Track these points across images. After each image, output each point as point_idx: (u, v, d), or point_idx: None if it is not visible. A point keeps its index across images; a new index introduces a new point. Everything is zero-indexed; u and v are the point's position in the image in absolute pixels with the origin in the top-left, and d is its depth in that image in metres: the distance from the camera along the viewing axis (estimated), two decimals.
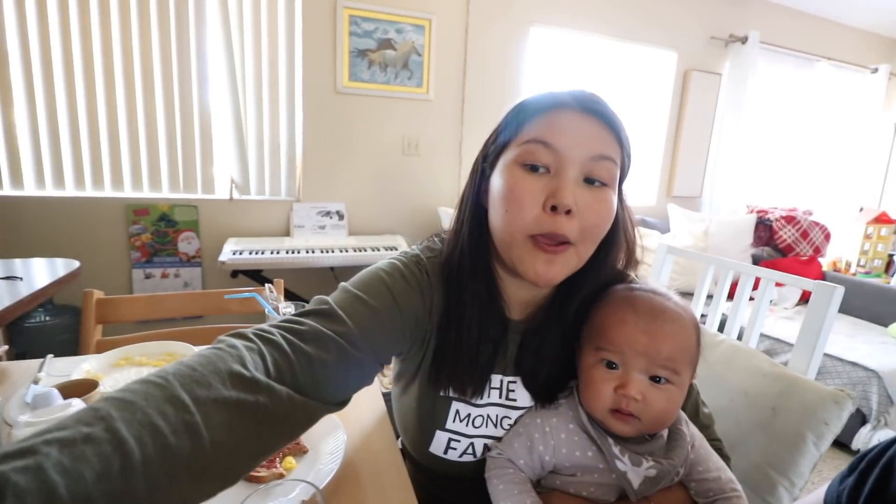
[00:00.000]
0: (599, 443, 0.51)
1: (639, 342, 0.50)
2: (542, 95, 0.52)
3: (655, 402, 0.50)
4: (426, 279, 0.56)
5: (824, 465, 1.79)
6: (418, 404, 0.60)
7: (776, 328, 2.20)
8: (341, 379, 0.47)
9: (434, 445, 0.60)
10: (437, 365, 0.57)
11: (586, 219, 0.49)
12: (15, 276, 1.25)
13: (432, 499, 0.67)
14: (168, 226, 2.10)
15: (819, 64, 3.37)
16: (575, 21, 2.63)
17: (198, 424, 0.35)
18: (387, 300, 0.52)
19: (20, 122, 1.85)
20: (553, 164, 0.49)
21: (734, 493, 0.52)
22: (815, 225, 2.97)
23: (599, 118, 0.50)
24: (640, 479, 0.50)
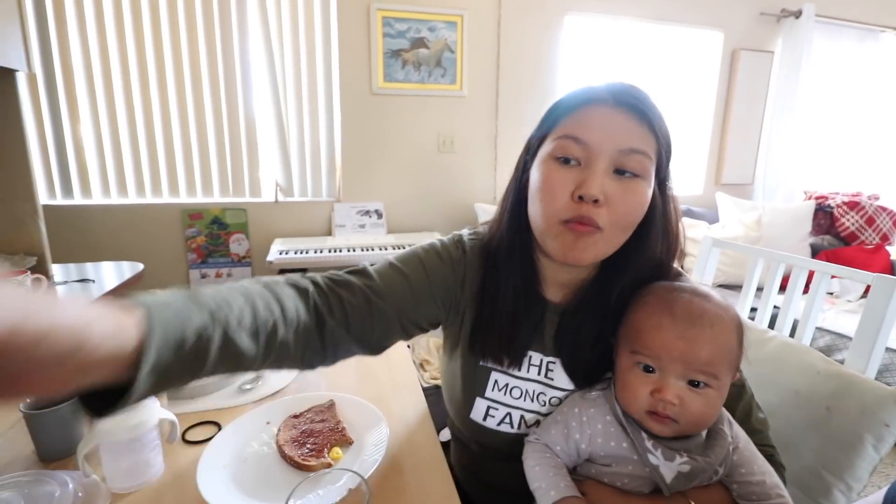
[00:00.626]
0: (633, 436, 0.52)
1: (676, 348, 0.49)
2: (579, 91, 0.55)
3: (693, 405, 0.50)
4: (461, 255, 0.63)
5: (892, 469, 1.67)
6: (461, 371, 0.65)
7: (838, 322, 2.07)
8: (366, 321, 0.55)
9: (474, 412, 0.63)
10: (475, 335, 0.62)
11: (615, 208, 0.51)
12: (88, 278, 1.37)
13: (474, 481, 0.71)
14: (220, 228, 2.23)
15: (884, 35, 3.11)
16: (611, 6, 2.55)
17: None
18: (417, 269, 0.60)
19: (86, 136, 2.01)
20: (583, 158, 0.52)
21: (780, 500, 0.51)
22: (882, 210, 2.76)
23: (632, 112, 0.51)
24: (672, 474, 0.50)
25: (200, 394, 0.80)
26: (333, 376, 0.90)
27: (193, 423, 0.72)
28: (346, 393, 0.79)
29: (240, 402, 0.78)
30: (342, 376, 0.90)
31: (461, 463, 0.74)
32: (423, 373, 1.59)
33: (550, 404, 0.61)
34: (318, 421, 0.71)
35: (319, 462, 0.62)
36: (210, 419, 0.73)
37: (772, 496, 0.51)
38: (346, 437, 0.68)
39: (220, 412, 0.76)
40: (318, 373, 0.91)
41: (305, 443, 0.65)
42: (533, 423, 0.61)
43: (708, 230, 2.60)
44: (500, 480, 0.67)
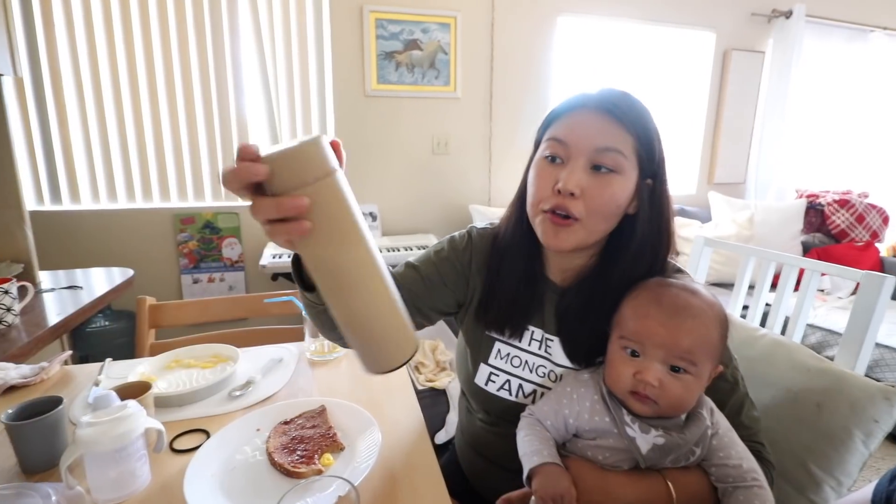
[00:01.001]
0: (614, 412, 0.56)
1: (658, 335, 0.54)
2: (570, 98, 0.62)
3: (672, 389, 0.54)
4: (468, 241, 0.74)
5: (882, 463, 1.68)
6: (469, 338, 0.73)
7: (829, 319, 2.08)
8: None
9: (478, 377, 0.71)
10: (481, 306, 0.71)
11: (591, 200, 0.58)
12: (77, 285, 1.35)
13: (476, 458, 0.77)
14: (212, 233, 2.21)
15: (873, 35, 3.13)
16: (604, 7, 2.56)
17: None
18: (428, 261, 0.73)
19: (75, 140, 1.99)
20: (565, 156, 0.60)
21: (755, 483, 0.54)
22: (872, 208, 2.78)
23: (609, 114, 0.58)
24: (648, 446, 0.54)
25: (188, 401, 0.79)
26: (326, 381, 0.89)
27: (181, 431, 0.71)
28: (338, 398, 0.78)
29: (229, 410, 0.77)
30: (335, 381, 0.89)
31: (465, 440, 0.81)
32: (417, 375, 1.59)
33: (548, 378, 0.67)
34: (309, 427, 0.70)
35: (310, 469, 0.61)
36: (198, 427, 0.72)
37: (747, 479, 0.54)
38: (338, 443, 0.67)
39: (208, 420, 0.75)
40: (310, 378, 0.90)
41: (296, 449, 0.65)
42: (530, 393, 0.68)
43: (701, 229, 2.62)
44: (500, 454, 0.70)
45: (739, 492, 0.53)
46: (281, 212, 0.40)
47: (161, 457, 0.65)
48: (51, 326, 1.07)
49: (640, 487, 0.54)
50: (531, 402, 0.67)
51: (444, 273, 0.72)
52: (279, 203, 0.40)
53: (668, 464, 0.56)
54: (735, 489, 0.54)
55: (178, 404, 0.79)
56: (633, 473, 0.55)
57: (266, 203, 0.40)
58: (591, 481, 0.55)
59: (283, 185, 0.41)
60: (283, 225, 0.41)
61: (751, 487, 0.53)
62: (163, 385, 0.84)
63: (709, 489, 0.56)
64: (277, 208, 0.40)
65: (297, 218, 0.40)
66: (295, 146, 0.40)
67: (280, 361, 0.96)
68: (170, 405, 0.78)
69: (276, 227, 0.41)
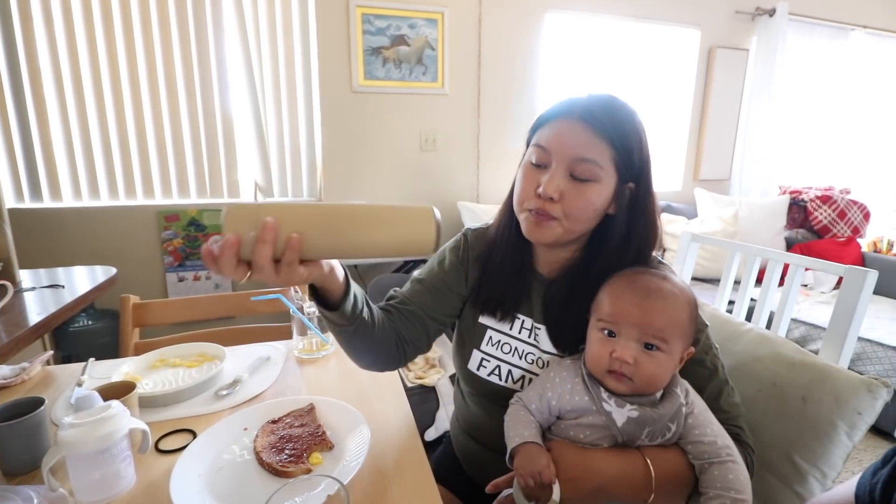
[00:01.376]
0: (592, 390, 0.60)
1: (632, 314, 0.59)
2: (557, 105, 0.66)
3: (646, 366, 0.58)
4: (465, 242, 0.80)
5: (865, 455, 1.72)
6: (464, 326, 0.78)
7: (812, 313, 2.12)
8: (406, 324, 0.73)
9: (471, 362, 0.75)
10: (475, 293, 0.76)
11: (569, 205, 0.63)
12: (58, 283, 1.32)
13: (470, 444, 0.80)
14: (197, 230, 2.18)
15: (854, 33, 3.19)
16: (591, 4, 2.57)
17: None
18: (430, 271, 0.79)
19: (56, 137, 1.94)
20: (547, 162, 0.64)
21: (728, 458, 0.57)
22: (853, 204, 2.84)
23: (588, 125, 0.61)
24: (623, 419, 0.58)
25: (174, 401, 0.78)
26: (314, 379, 0.88)
27: (167, 431, 0.70)
28: (327, 396, 0.78)
29: (216, 409, 0.76)
30: (323, 379, 0.88)
31: (460, 426, 0.85)
32: (407, 372, 1.58)
33: (536, 364, 0.71)
34: (298, 426, 0.69)
35: (298, 468, 0.61)
36: (184, 427, 0.71)
37: (721, 455, 0.57)
38: (327, 441, 0.67)
39: (195, 419, 0.74)
40: (298, 376, 0.89)
41: (284, 448, 0.64)
42: (518, 378, 0.72)
43: (687, 225, 2.65)
44: (492, 437, 0.72)
45: (714, 467, 0.57)
46: (267, 244, 0.47)
47: (146, 458, 0.64)
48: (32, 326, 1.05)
49: (619, 463, 0.58)
50: (520, 388, 0.70)
51: (449, 280, 0.77)
52: (261, 239, 0.47)
53: (644, 438, 0.59)
54: (710, 465, 0.57)
55: (163, 404, 0.77)
56: (612, 450, 0.59)
57: (257, 254, 0.48)
58: (572, 459, 0.58)
59: (247, 237, 0.48)
60: (285, 257, 0.49)
61: (724, 462, 0.56)
62: (148, 385, 0.83)
63: (686, 466, 0.59)
64: (263, 244, 0.47)
65: (283, 244, 0.48)
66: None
67: (268, 360, 0.95)
68: (155, 405, 0.77)
69: (284, 261, 0.49)
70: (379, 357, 0.71)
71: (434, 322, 0.76)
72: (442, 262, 0.79)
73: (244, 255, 0.49)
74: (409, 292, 0.77)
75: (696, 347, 0.66)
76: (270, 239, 0.47)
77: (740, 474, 0.56)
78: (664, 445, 0.60)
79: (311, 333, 0.96)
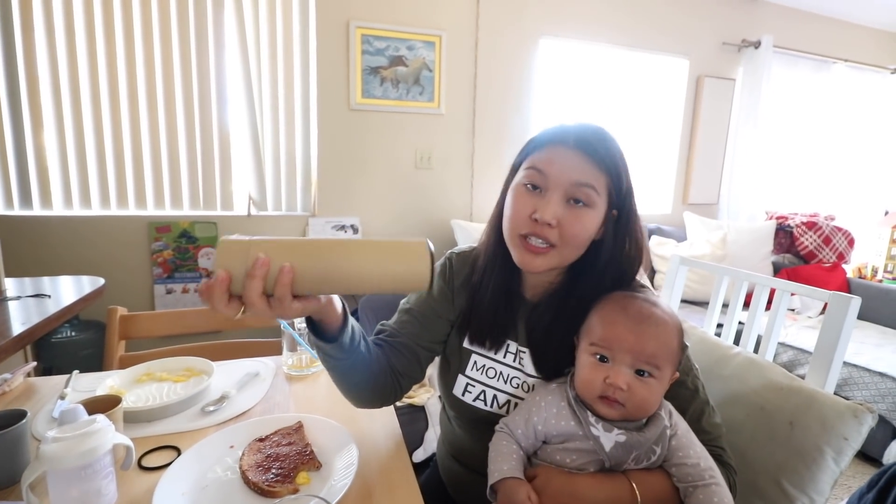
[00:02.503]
0: (579, 415, 0.60)
1: (626, 340, 0.59)
2: (549, 130, 0.67)
3: (638, 392, 0.58)
4: (449, 266, 0.79)
5: (853, 481, 1.73)
6: (449, 351, 0.77)
7: (799, 338, 2.15)
8: (397, 355, 0.73)
9: (456, 388, 0.74)
10: (463, 321, 0.75)
11: (566, 230, 0.63)
12: (43, 293, 1.30)
13: (457, 467, 0.80)
14: (189, 242, 2.16)
15: (836, 66, 3.31)
16: (584, 32, 2.65)
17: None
18: (419, 301, 0.77)
19: (49, 144, 1.93)
20: (544, 186, 0.64)
21: (712, 481, 0.57)
22: (838, 230, 2.90)
23: (586, 153, 0.63)
24: (611, 444, 0.58)
25: (159, 416, 0.77)
26: (303, 396, 0.87)
27: (151, 447, 0.69)
28: (316, 414, 0.77)
29: (202, 426, 0.75)
30: (312, 396, 0.87)
31: (446, 449, 0.84)
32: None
33: (521, 388, 0.71)
34: (285, 444, 0.68)
35: (285, 488, 0.59)
36: (169, 443, 0.70)
37: (705, 477, 0.57)
38: (315, 460, 0.66)
39: (180, 436, 0.72)
40: (287, 393, 0.88)
41: (271, 467, 0.63)
42: (504, 403, 0.71)
43: (676, 248, 2.68)
44: (477, 461, 0.70)
45: (699, 491, 0.57)
46: (257, 279, 0.47)
47: (129, 474, 0.62)
48: (14, 336, 1.03)
49: (605, 488, 0.58)
50: (505, 413, 0.70)
51: (437, 307, 0.77)
52: (250, 275, 0.47)
53: (630, 462, 0.59)
54: (695, 489, 0.57)
55: (148, 419, 0.76)
56: (598, 475, 0.59)
57: (247, 290, 0.48)
58: (558, 485, 0.58)
59: (238, 272, 0.48)
60: (276, 291, 0.49)
61: (709, 486, 0.57)
62: (132, 399, 0.82)
63: (671, 489, 0.59)
64: (252, 279, 0.47)
65: (275, 280, 0.48)
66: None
67: (256, 376, 0.94)
68: (139, 420, 0.75)
69: (276, 296, 0.49)
70: (375, 392, 0.70)
71: (425, 351, 0.76)
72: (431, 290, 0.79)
73: (235, 291, 0.49)
74: (397, 324, 0.76)
75: (679, 369, 0.67)
76: (261, 275, 0.47)
77: (724, 497, 0.57)
78: (649, 468, 0.60)
79: (301, 349, 0.95)
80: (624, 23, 2.72)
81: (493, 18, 2.45)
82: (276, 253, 0.49)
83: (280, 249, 0.49)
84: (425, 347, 0.75)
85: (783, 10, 3.10)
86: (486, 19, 2.44)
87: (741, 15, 3.01)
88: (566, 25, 2.60)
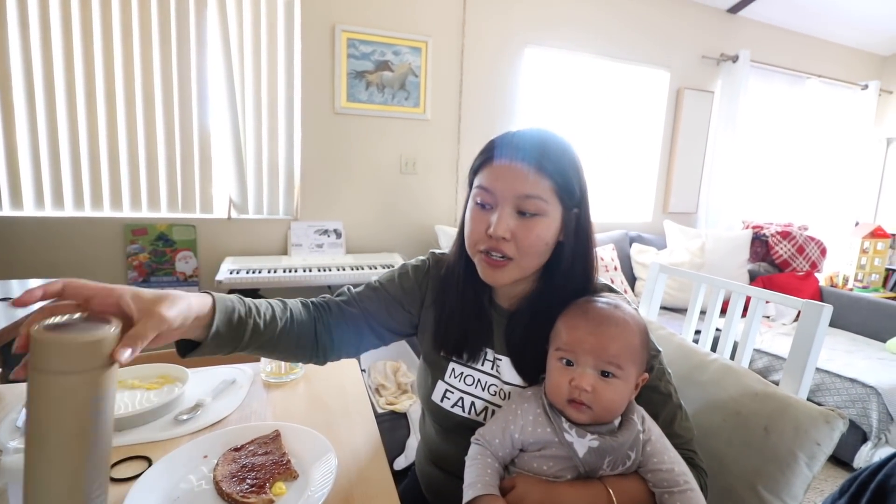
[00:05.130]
0: (553, 421, 0.61)
1: (587, 342, 0.60)
2: (493, 143, 0.68)
3: (604, 393, 0.59)
4: (428, 268, 0.80)
5: (825, 485, 1.77)
6: (427, 358, 0.78)
7: (774, 344, 2.20)
8: (342, 324, 0.74)
9: (435, 393, 0.75)
10: (437, 332, 0.76)
11: (521, 241, 0.64)
12: (11, 297, 1.25)
13: (436, 471, 0.80)
14: (166, 245, 2.12)
15: (810, 81, 3.43)
16: (569, 41, 2.69)
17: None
18: (390, 282, 0.79)
19: (21, 142, 1.87)
20: (493, 203, 0.66)
21: (687, 487, 0.58)
22: (811, 240, 2.99)
23: (527, 163, 0.64)
24: (584, 449, 0.59)
25: (130, 426, 0.74)
26: (281, 404, 0.85)
27: (121, 458, 0.67)
28: (294, 422, 0.75)
29: (175, 435, 0.73)
30: (291, 404, 0.86)
31: (424, 454, 0.84)
32: (378, 398, 1.55)
33: (498, 396, 0.72)
34: (261, 453, 0.67)
35: (260, 499, 0.58)
36: (140, 454, 0.68)
37: (679, 483, 0.59)
38: (291, 470, 0.64)
39: (152, 445, 0.70)
40: (264, 401, 0.87)
41: (246, 478, 0.61)
42: (481, 410, 0.72)
43: (657, 256, 2.73)
44: (454, 464, 0.71)
45: (675, 497, 0.58)
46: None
47: None
48: None
49: (583, 495, 0.58)
50: (482, 419, 0.71)
51: (403, 298, 0.78)
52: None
53: (605, 468, 0.60)
54: (671, 494, 0.58)
55: (118, 429, 0.73)
56: (576, 483, 0.60)
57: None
58: (537, 494, 0.59)
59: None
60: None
61: (684, 491, 0.58)
62: None
63: (646, 494, 0.60)
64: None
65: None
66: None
67: (233, 383, 0.92)
68: None
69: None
70: (296, 356, 0.72)
71: (372, 332, 0.76)
72: (403, 276, 0.79)
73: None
74: (358, 295, 0.77)
75: (651, 374, 0.68)
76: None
77: (700, 502, 0.58)
78: (624, 474, 0.61)
79: None
80: (607, 34, 2.77)
81: (479, 26, 2.48)
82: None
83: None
84: (374, 330, 0.76)
85: (760, 26, 3.20)
86: (473, 26, 2.46)
87: (720, 30, 3.10)
88: (551, 35, 2.64)
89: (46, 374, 0.42)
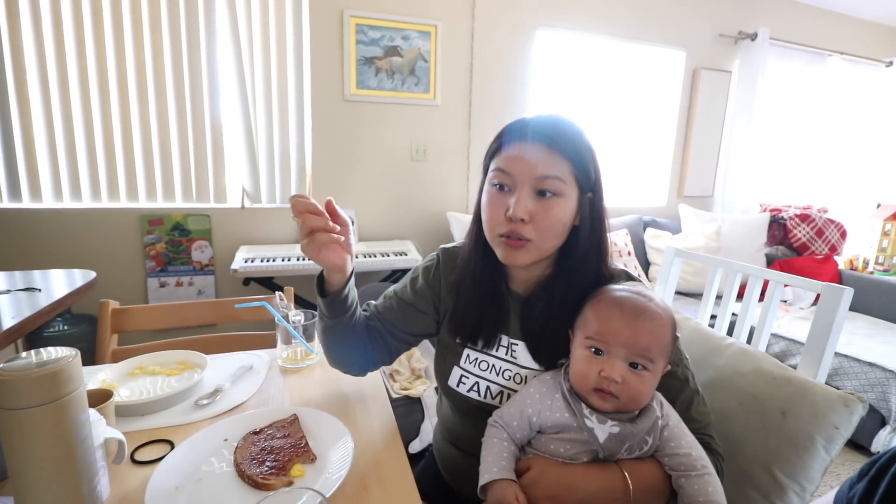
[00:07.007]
0: (574, 407, 0.61)
1: (622, 334, 0.60)
2: (509, 128, 0.68)
3: (633, 384, 0.59)
4: (437, 264, 0.82)
5: (843, 469, 1.75)
6: (443, 344, 0.80)
7: (792, 328, 2.17)
8: (372, 345, 0.80)
9: (451, 379, 0.77)
10: (452, 320, 0.78)
11: (539, 223, 0.65)
12: (34, 287, 1.29)
13: (453, 452, 0.82)
14: (182, 235, 2.15)
15: (832, 59, 3.32)
16: (581, 22, 2.63)
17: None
18: (406, 291, 0.82)
19: (38, 136, 1.90)
20: (512, 185, 0.66)
21: (704, 471, 0.59)
22: (831, 223, 2.92)
23: (545, 144, 0.64)
24: (605, 435, 0.59)
25: (152, 410, 0.76)
26: (298, 389, 0.87)
27: (144, 441, 0.68)
28: (310, 406, 0.77)
29: (195, 419, 0.75)
30: (307, 389, 0.87)
31: (442, 434, 0.87)
32: (392, 383, 1.57)
33: (514, 380, 0.72)
34: (280, 437, 0.68)
35: (280, 481, 0.59)
36: (162, 437, 0.70)
37: (697, 467, 0.59)
38: (309, 453, 0.65)
39: (173, 429, 0.72)
40: (281, 386, 0.88)
41: (265, 460, 0.63)
42: (497, 394, 0.73)
43: (671, 240, 2.69)
44: (472, 444, 0.72)
45: (693, 480, 0.58)
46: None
47: (121, 469, 0.62)
48: (5, 330, 1.02)
49: (599, 478, 0.59)
50: (498, 403, 0.72)
51: (419, 303, 0.81)
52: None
53: (623, 453, 0.60)
54: (688, 478, 0.59)
55: (140, 413, 0.75)
56: (591, 465, 0.60)
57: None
58: (553, 476, 0.59)
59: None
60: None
61: (702, 475, 0.58)
62: (125, 393, 0.81)
63: (663, 477, 0.61)
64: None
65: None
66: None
67: (250, 369, 0.93)
68: (132, 414, 0.75)
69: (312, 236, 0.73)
70: (362, 359, 0.79)
71: (395, 341, 0.81)
72: (414, 282, 0.82)
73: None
74: (379, 307, 0.82)
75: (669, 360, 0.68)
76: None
77: (718, 486, 0.58)
78: (640, 458, 0.61)
79: (295, 342, 0.95)
80: (621, 14, 2.70)
81: (490, 8, 2.43)
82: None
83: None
84: (396, 337, 0.81)
85: (780, 2, 3.10)
86: (483, 9, 2.42)
87: (738, 7, 3.00)
88: (563, 16, 2.58)
89: (16, 411, 0.46)
